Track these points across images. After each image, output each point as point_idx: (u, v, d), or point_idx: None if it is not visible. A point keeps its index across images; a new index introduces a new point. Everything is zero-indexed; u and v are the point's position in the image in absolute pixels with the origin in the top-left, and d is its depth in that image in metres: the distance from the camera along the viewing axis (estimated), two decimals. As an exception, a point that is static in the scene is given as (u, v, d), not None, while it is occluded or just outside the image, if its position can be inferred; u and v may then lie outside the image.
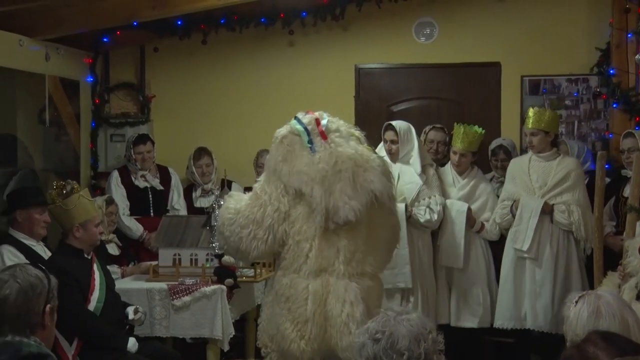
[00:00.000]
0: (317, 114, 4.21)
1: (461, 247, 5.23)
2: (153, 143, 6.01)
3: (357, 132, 4.25)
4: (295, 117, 4.20)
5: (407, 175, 5.24)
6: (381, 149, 5.35)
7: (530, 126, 5.12)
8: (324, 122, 4.14)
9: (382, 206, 4.09)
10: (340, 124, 4.19)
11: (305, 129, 4.09)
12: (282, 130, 4.17)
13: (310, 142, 4.04)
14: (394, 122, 5.32)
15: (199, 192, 6.18)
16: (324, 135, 4.08)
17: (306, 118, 4.16)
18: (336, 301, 3.89)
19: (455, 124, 5.50)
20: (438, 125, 5.78)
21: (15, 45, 5.54)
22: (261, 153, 5.92)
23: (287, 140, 4.09)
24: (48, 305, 2.60)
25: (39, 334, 2.56)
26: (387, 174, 4.14)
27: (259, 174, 5.41)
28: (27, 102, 5.81)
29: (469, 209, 5.28)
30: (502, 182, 5.60)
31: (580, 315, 2.55)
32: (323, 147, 4.03)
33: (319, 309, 3.91)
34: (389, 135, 5.28)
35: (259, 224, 4.03)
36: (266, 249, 4.08)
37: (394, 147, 5.26)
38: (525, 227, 5.03)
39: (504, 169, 5.69)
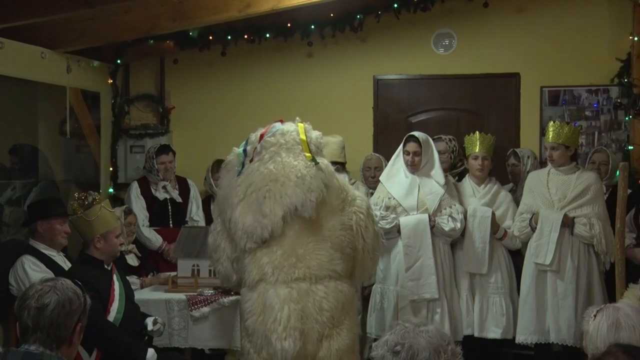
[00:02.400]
0: (272, 126, 4.28)
1: (486, 253, 5.19)
2: (174, 153, 6.05)
3: (311, 139, 4.23)
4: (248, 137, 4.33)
5: (428, 186, 5.22)
6: (398, 160, 5.35)
7: (550, 140, 5.09)
8: (267, 135, 4.23)
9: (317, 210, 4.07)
10: (289, 136, 4.21)
11: (245, 151, 4.25)
12: (229, 156, 4.37)
13: (242, 164, 4.21)
14: (416, 134, 5.29)
15: (217, 203, 6.20)
16: (251, 158, 4.20)
17: (254, 135, 4.30)
18: (267, 307, 3.93)
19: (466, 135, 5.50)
20: (436, 137, 5.73)
21: (37, 58, 5.60)
22: None
23: (229, 166, 4.31)
24: (79, 324, 2.63)
25: (64, 350, 2.58)
26: (305, 186, 4.04)
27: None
28: (49, 114, 5.86)
29: (493, 214, 5.24)
30: (515, 190, 5.60)
31: (600, 328, 2.53)
32: (245, 171, 4.17)
33: (260, 319, 3.96)
34: (412, 146, 5.24)
35: (217, 248, 4.29)
36: (228, 269, 4.26)
37: (417, 158, 5.22)
38: (546, 241, 4.98)
39: (513, 174, 5.77)
